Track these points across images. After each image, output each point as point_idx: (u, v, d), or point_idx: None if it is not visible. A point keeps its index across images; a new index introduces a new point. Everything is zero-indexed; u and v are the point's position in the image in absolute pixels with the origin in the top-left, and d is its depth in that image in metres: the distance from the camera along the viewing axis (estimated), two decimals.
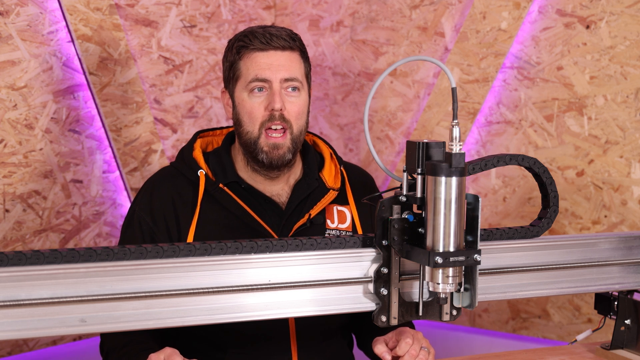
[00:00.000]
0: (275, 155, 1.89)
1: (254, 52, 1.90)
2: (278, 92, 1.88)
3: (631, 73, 2.53)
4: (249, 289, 1.50)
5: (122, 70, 2.55)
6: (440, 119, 2.80)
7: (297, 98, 1.91)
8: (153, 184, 1.97)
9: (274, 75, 1.89)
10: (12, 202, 2.36)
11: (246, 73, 1.90)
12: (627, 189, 2.56)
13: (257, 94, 1.90)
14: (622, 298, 1.83)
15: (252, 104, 1.90)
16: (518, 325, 2.76)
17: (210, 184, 1.92)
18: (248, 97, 1.90)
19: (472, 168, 1.61)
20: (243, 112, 1.91)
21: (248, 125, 1.91)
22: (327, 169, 2.01)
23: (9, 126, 2.33)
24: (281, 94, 1.89)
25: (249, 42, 1.91)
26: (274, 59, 1.90)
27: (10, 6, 2.29)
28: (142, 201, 1.95)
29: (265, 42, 1.89)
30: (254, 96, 1.90)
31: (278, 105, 1.87)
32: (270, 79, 1.89)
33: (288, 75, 1.90)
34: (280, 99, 1.88)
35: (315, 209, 1.94)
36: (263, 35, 1.90)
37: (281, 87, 1.89)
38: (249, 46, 1.91)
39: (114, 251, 1.42)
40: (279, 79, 1.89)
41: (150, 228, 1.90)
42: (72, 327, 1.39)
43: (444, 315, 1.60)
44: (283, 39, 1.90)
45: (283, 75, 1.89)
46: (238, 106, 1.93)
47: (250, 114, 1.90)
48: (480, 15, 2.71)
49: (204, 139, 2.04)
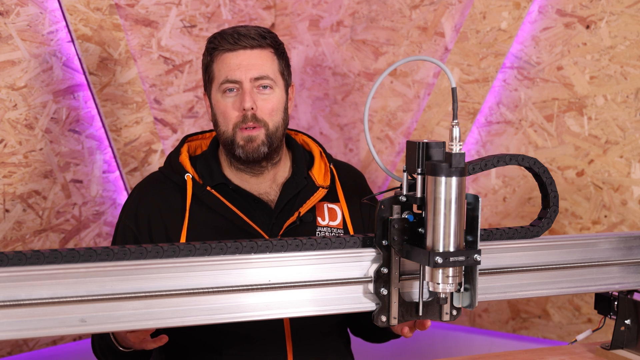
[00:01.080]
0: (250, 148, 1.90)
1: (224, 53, 1.92)
2: (248, 92, 1.89)
3: (631, 73, 2.53)
4: (248, 289, 1.49)
5: (122, 70, 2.55)
6: (440, 119, 2.80)
7: (269, 95, 1.92)
8: (140, 191, 1.99)
9: (244, 75, 1.90)
10: (12, 202, 2.36)
11: (218, 75, 1.92)
12: (627, 189, 2.56)
13: (229, 94, 1.91)
14: (622, 298, 1.83)
15: (225, 105, 1.92)
16: (518, 325, 2.76)
17: (198, 188, 1.93)
18: (221, 98, 1.92)
19: (472, 168, 1.61)
20: (218, 113, 1.94)
21: (223, 126, 1.93)
22: (317, 168, 2.02)
23: (9, 126, 2.33)
24: (252, 93, 1.90)
25: (218, 44, 1.92)
26: (243, 59, 1.91)
27: (10, 6, 2.29)
28: (129, 208, 1.97)
29: (233, 42, 1.91)
30: (227, 97, 1.92)
31: (248, 104, 1.88)
32: (240, 79, 1.90)
33: (258, 74, 1.90)
34: (251, 98, 1.89)
35: (305, 206, 1.95)
36: (231, 36, 1.91)
37: (252, 86, 1.90)
38: (218, 47, 1.92)
39: (114, 251, 1.42)
40: (248, 78, 1.90)
41: (135, 235, 1.92)
42: (72, 327, 1.39)
43: (444, 315, 1.60)
44: (251, 37, 1.91)
45: (253, 74, 1.90)
46: (214, 107, 1.95)
47: (224, 114, 1.92)
48: (480, 15, 2.71)
49: (192, 143, 2.05)
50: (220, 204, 1.91)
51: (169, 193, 1.94)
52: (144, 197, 1.96)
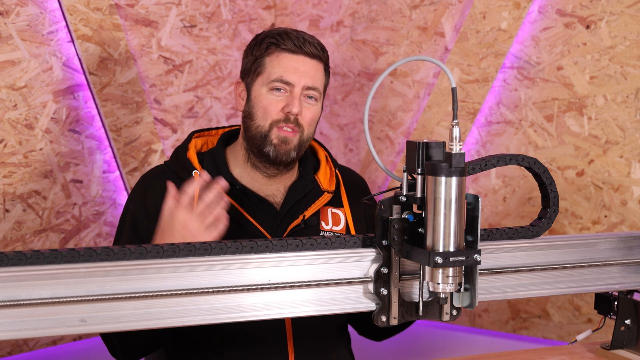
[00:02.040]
0: (282, 149, 1.90)
1: (284, 53, 1.92)
2: (298, 97, 1.90)
3: (631, 73, 2.53)
4: (248, 289, 1.49)
5: (122, 70, 2.55)
6: (440, 119, 2.80)
7: (313, 106, 1.93)
8: (146, 182, 1.97)
9: (299, 80, 1.90)
10: (12, 202, 2.36)
11: (271, 71, 1.92)
12: (627, 189, 2.56)
13: (276, 93, 1.91)
14: (622, 298, 1.83)
15: (270, 101, 1.91)
16: (518, 325, 2.76)
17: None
18: (267, 93, 1.92)
19: (472, 168, 1.61)
20: (258, 107, 1.92)
21: (260, 120, 1.92)
22: (323, 172, 2.02)
23: (9, 126, 2.33)
24: (300, 100, 1.90)
25: (281, 41, 1.92)
26: (302, 64, 1.91)
27: (10, 6, 2.29)
28: (136, 199, 1.94)
29: (298, 45, 1.91)
30: (273, 94, 1.91)
31: (296, 109, 1.89)
32: (295, 83, 1.90)
33: (311, 84, 1.92)
34: (300, 103, 1.90)
35: (310, 210, 1.95)
36: (297, 38, 1.92)
37: (302, 93, 1.91)
38: (280, 45, 1.92)
39: (114, 251, 1.42)
40: (302, 85, 1.91)
41: (146, 226, 1.89)
42: (72, 327, 1.39)
43: (444, 315, 1.60)
44: (315, 47, 1.93)
45: (307, 82, 1.91)
46: (254, 99, 1.94)
47: (266, 109, 1.91)
48: (480, 15, 2.71)
49: (199, 139, 2.04)
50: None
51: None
52: (151, 188, 1.94)
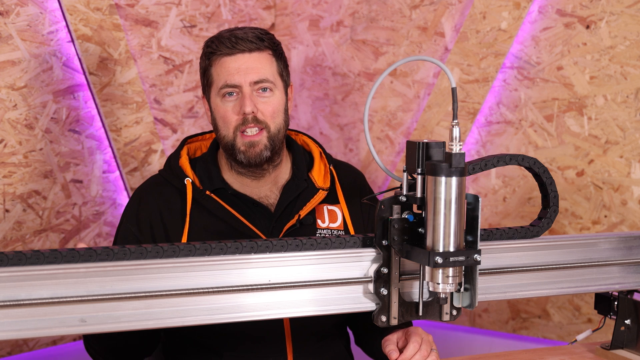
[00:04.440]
0: (252, 154, 1.90)
1: (222, 57, 1.90)
2: (248, 96, 1.88)
3: (631, 73, 2.53)
4: (248, 289, 1.49)
5: (122, 70, 2.55)
6: (440, 119, 2.80)
7: (269, 98, 1.91)
8: (140, 194, 1.98)
9: (243, 79, 1.89)
10: (12, 202, 2.36)
11: (217, 79, 1.91)
12: (627, 189, 2.56)
13: (228, 98, 1.91)
14: (622, 298, 1.83)
15: (225, 109, 1.91)
16: (518, 325, 2.76)
17: (198, 192, 1.92)
18: (221, 102, 1.91)
19: (472, 168, 1.61)
20: (218, 117, 1.93)
21: (223, 129, 1.92)
22: (317, 169, 2.01)
23: (9, 126, 2.33)
24: (252, 97, 1.89)
25: (216, 48, 1.91)
26: (242, 62, 1.90)
27: (10, 6, 2.29)
28: (130, 211, 1.97)
29: (231, 46, 1.89)
30: (226, 101, 1.91)
31: (249, 109, 1.88)
32: (240, 83, 1.89)
33: (257, 78, 1.90)
34: (251, 102, 1.88)
35: (305, 209, 1.94)
36: (229, 39, 1.90)
37: (252, 90, 1.89)
38: (216, 52, 1.91)
39: (114, 251, 1.42)
40: (248, 82, 1.89)
41: (137, 238, 1.92)
42: (72, 327, 1.39)
43: (444, 315, 1.60)
44: (249, 41, 1.90)
45: (252, 78, 1.89)
46: (214, 111, 1.94)
47: (224, 118, 1.91)
48: (480, 15, 2.71)
49: (191, 145, 2.05)
50: (220, 208, 1.91)
51: (169, 197, 1.94)
52: (144, 201, 1.96)
